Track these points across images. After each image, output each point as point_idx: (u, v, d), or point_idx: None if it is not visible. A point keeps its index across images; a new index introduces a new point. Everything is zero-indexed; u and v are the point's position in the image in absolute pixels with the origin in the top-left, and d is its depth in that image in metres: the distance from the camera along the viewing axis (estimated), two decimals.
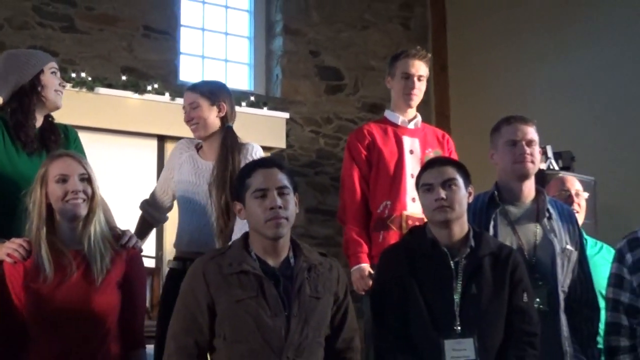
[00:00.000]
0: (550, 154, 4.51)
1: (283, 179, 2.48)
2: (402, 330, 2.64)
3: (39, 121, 3.06)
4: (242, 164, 3.16)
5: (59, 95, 3.07)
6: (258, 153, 3.35)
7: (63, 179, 2.59)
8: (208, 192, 3.21)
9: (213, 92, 3.34)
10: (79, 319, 2.52)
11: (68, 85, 5.07)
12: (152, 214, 3.44)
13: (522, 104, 5.63)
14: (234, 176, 3.17)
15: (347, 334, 2.56)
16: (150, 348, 2.90)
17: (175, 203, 3.43)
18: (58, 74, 3.09)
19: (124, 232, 2.82)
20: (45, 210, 2.60)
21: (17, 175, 2.88)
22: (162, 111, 5.34)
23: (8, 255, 2.57)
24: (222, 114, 3.34)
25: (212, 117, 3.30)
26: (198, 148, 3.39)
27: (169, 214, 3.58)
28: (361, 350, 2.68)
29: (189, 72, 6.56)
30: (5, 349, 2.56)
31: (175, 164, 3.36)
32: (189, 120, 3.30)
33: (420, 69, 3.58)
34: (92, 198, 2.62)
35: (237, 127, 5.55)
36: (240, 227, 3.05)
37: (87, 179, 2.63)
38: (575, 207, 3.64)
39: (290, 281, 2.45)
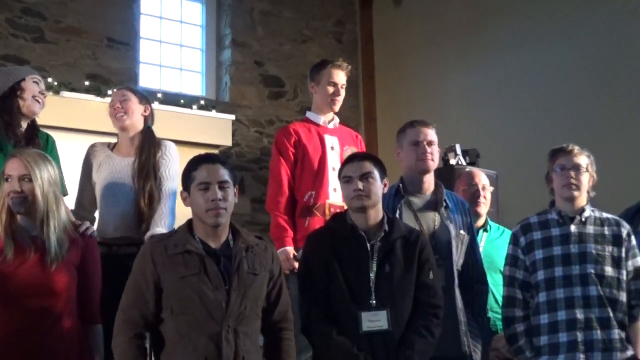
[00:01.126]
0: (459, 151, 4.56)
1: (224, 174, 2.48)
2: (325, 304, 2.66)
3: (22, 127, 3.05)
4: (160, 159, 3.25)
5: (37, 103, 3.05)
6: (173, 149, 3.36)
7: (6, 179, 2.57)
8: (131, 183, 3.18)
9: (142, 94, 3.39)
10: (35, 296, 2.49)
11: None
12: (85, 216, 3.25)
13: (437, 107, 5.76)
14: (156, 168, 3.18)
15: (282, 307, 2.58)
16: None
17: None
18: (41, 84, 3.08)
19: (82, 223, 2.80)
20: (7, 203, 2.57)
21: None
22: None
23: None
24: (146, 114, 3.34)
25: (138, 113, 3.30)
26: (112, 148, 3.36)
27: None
28: None
29: (148, 79, 6.52)
30: None
31: (93, 167, 3.30)
32: (117, 112, 3.26)
33: (343, 78, 3.65)
34: (32, 194, 2.55)
35: (189, 128, 5.59)
36: (159, 214, 3.14)
37: (29, 179, 2.56)
38: (482, 199, 3.70)
39: (229, 260, 2.45)
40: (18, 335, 2.47)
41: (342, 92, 3.64)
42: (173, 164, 3.30)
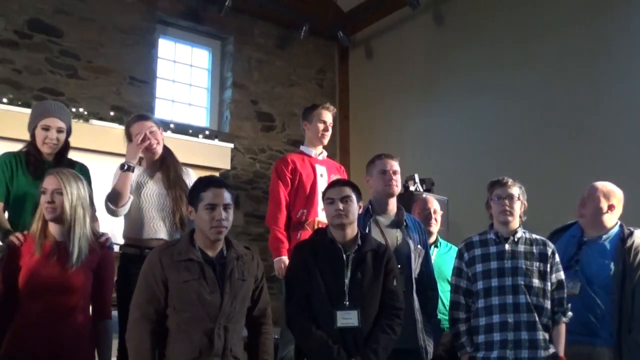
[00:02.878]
0: (417, 179, 4.61)
1: (228, 198, 2.50)
2: (306, 303, 2.67)
3: (48, 157, 3.03)
4: (186, 178, 3.21)
5: (47, 146, 2.99)
6: (192, 174, 3.31)
7: (43, 192, 2.59)
8: (163, 194, 3.13)
9: (156, 120, 3.31)
10: (55, 292, 2.50)
11: None
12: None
13: (400, 143, 5.83)
14: (182, 183, 3.16)
15: (262, 305, 2.60)
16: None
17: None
18: (51, 130, 2.99)
19: (103, 234, 2.80)
20: (41, 212, 2.60)
21: (27, 192, 2.91)
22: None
23: (11, 241, 2.62)
24: (163, 136, 3.29)
25: (161, 138, 3.25)
26: (139, 163, 3.22)
27: None
28: (276, 318, 2.71)
29: (162, 111, 6.49)
30: (8, 306, 2.52)
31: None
32: (152, 144, 3.15)
33: (330, 118, 3.70)
34: (62, 206, 2.56)
35: (195, 153, 5.57)
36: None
37: (60, 193, 2.57)
38: (433, 220, 3.75)
39: (223, 267, 2.46)
40: (38, 324, 2.46)
41: (330, 129, 3.69)
42: None
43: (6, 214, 2.94)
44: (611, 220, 3.22)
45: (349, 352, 2.58)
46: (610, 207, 3.22)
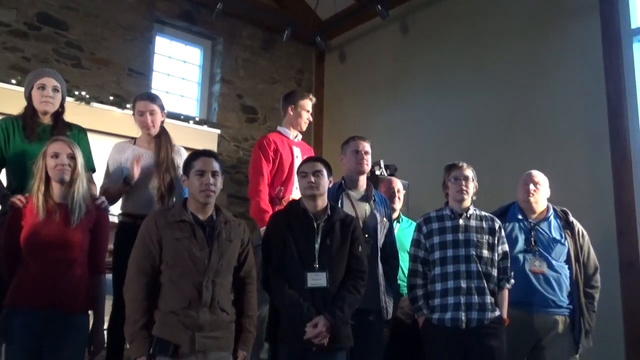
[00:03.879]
0: (382, 165, 4.55)
1: (216, 166, 2.42)
2: (280, 266, 2.57)
3: (45, 119, 2.84)
4: (176, 157, 3.07)
5: (44, 103, 2.81)
6: (183, 152, 3.16)
7: (56, 155, 2.44)
8: (154, 172, 2.98)
9: (163, 104, 3.16)
10: (57, 248, 2.37)
11: (71, 99, 4.83)
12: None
13: (368, 134, 5.21)
14: (174, 162, 3.03)
15: (248, 267, 2.50)
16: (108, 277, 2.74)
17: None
18: (46, 88, 2.81)
19: (98, 197, 2.69)
20: (44, 175, 2.45)
21: (25, 154, 2.71)
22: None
23: (13, 203, 2.46)
24: (163, 119, 3.16)
25: (160, 120, 3.11)
26: (134, 143, 3.13)
27: None
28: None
29: None
30: (11, 263, 2.40)
31: (122, 160, 3.04)
32: (148, 124, 3.03)
33: (311, 108, 3.57)
34: (74, 169, 2.46)
35: (186, 138, 5.41)
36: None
37: (73, 157, 2.47)
38: (397, 199, 3.66)
39: (212, 229, 2.37)
40: (39, 277, 2.34)
41: (310, 118, 3.57)
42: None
43: (3, 177, 2.76)
44: (545, 202, 3.22)
45: (318, 309, 2.49)
46: (545, 191, 3.22)
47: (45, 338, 2.30)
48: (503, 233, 2.93)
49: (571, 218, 3.20)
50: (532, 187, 3.17)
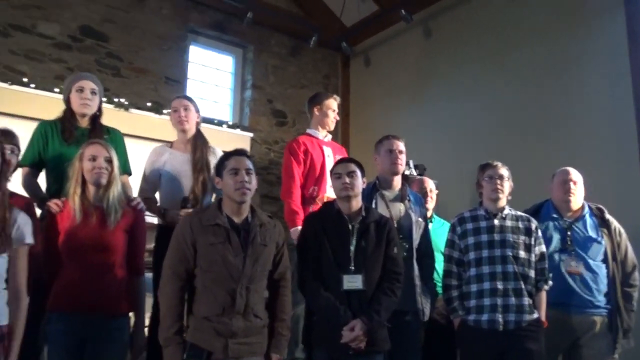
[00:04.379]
0: (412, 165, 4.36)
1: (249, 164, 2.25)
2: (316, 268, 2.39)
3: (83, 122, 2.70)
4: (210, 158, 2.91)
5: (83, 105, 2.69)
6: (219, 152, 3.00)
7: (93, 158, 2.29)
8: (189, 174, 2.85)
9: (197, 105, 3.05)
10: (95, 251, 2.22)
11: (111, 106, 4.74)
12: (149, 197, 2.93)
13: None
14: (208, 163, 2.89)
15: (282, 269, 2.32)
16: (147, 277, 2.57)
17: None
18: (85, 90, 2.69)
19: (134, 198, 2.54)
20: (80, 178, 2.29)
21: (64, 157, 2.55)
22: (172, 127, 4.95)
23: (50, 207, 2.31)
24: (198, 120, 3.03)
25: (194, 120, 2.98)
26: (170, 146, 3.02)
27: None
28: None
29: None
30: (51, 268, 2.25)
31: (159, 163, 2.92)
32: (181, 119, 2.92)
33: (337, 106, 3.43)
34: (110, 172, 2.31)
35: (221, 142, 5.25)
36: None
37: (109, 160, 2.32)
38: (429, 199, 3.44)
39: (247, 233, 2.18)
40: (82, 281, 2.19)
41: (337, 116, 3.43)
42: None
43: (42, 180, 2.64)
44: (582, 200, 2.95)
45: (354, 312, 2.30)
46: (582, 189, 2.95)
47: (87, 341, 2.17)
48: (540, 233, 2.69)
49: (607, 215, 2.93)
50: (572, 185, 2.91)
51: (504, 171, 2.71)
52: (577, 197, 2.92)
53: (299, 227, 3.02)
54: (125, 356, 2.30)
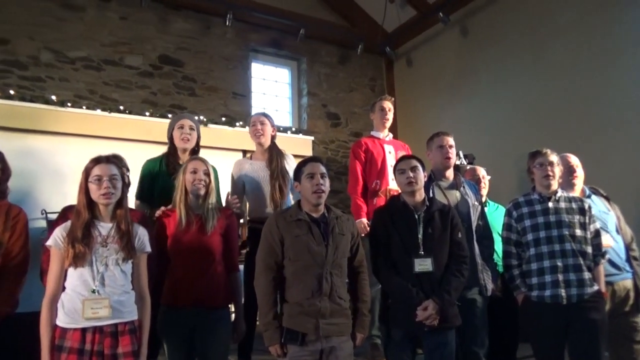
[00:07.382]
0: (461, 155, 4.25)
1: (323, 169, 2.28)
2: (387, 254, 2.39)
3: (184, 157, 2.84)
4: (287, 165, 2.99)
5: (184, 140, 2.82)
6: (291, 158, 3.10)
7: (194, 171, 2.39)
8: (268, 181, 2.94)
9: (272, 120, 3.12)
10: (197, 252, 2.32)
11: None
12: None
13: (437, 129, 5.13)
14: (284, 171, 2.95)
15: (360, 257, 2.33)
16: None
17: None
18: (185, 127, 2.83)
19: (227, 202, 2.66)
20: (184, 188, 2.40)
21: (170, 190, 2.63)
22: (244, 137, 5.00)
23: (159, 214, 2.45)
24: (274, 134, 3.10)
25: (269, 133, 3.05)
26: (250, 157, 3.13)
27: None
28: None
29: None
30: (162, 267, 2.36)
31: (242, 174, 3.04)
32: (257, 132, 3.02)
33: (390, 105, 3.45)
34: (208, 184, 2.40)
35: (288, 146, 5.29)
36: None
37: (207, 174, 2.42)
38: (482, 185, 3.38)
39: (326, 225, 2.22)
40: (185, 279, 2.29)
41: (390, 114, 3.41)
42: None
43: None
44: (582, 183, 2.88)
45: (426, 293, 2.28)
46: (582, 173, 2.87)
47: (196, 330, 2.26)
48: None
49: (602, 192, 2.86)
50: (577, 171, 2.82)
51: (553, 157, 2.62)
52: (579, 182, 2.85)
53: (363, 220, 3.08)
54: (229, 342, 2.39)
